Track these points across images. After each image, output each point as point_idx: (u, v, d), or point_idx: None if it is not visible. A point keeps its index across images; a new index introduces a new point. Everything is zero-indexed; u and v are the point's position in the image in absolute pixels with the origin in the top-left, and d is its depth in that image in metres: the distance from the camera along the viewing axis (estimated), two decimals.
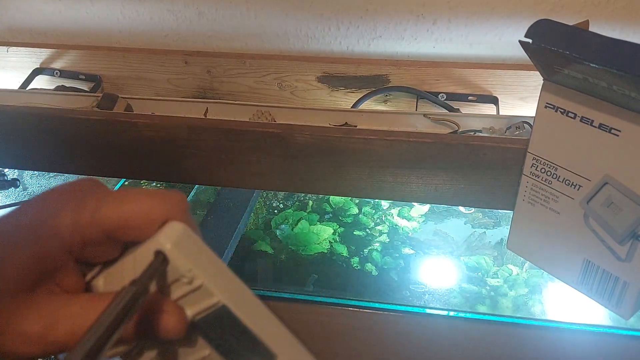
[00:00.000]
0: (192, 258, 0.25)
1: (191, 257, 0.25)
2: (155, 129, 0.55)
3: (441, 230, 0.90)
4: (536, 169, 0.46)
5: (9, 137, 0.60)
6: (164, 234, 0.25)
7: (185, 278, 0.25)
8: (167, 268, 0.25)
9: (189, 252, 0.25)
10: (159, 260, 0.25)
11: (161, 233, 0.25)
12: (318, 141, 0.52)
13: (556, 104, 0.42)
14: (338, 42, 0.76)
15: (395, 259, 0.85)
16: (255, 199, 0.93)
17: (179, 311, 0.26)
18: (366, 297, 0.80)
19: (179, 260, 0.25)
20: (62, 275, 0.26)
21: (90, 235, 0.25)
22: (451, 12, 0.69)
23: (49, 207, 0.26)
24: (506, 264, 0.85)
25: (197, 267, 0.25)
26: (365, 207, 0.93)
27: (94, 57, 0.83)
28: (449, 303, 0.79)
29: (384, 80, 0.75)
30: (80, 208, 0.25)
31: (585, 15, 0.66)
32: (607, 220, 0.42)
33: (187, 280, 0.25)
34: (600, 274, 0.45)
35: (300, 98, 0.80)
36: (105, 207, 0.25)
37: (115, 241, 0.26)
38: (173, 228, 0.25)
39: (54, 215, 0.25)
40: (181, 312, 0.26)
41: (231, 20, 0.77)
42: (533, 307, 0.78)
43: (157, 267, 0.25)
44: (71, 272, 0.26)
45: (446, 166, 0.51)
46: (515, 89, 0.72)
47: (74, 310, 0.25)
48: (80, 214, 0.25)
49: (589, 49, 0.34)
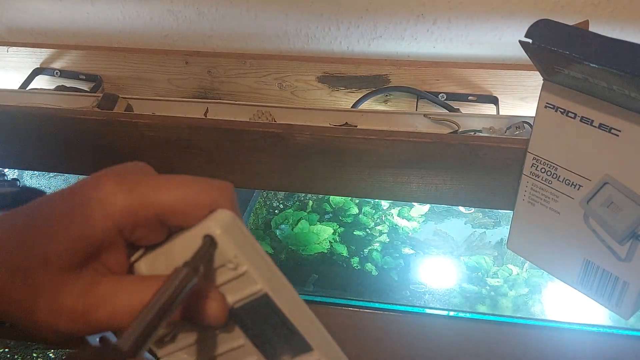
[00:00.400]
0: (240, 245, 0.26)
1: (238, 243, 0.26)
2: (155, 129, 0.55)
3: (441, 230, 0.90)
4: (536, 168, 0.46)
5: (9, 137, 0.60)
6: (213, 219, 0.25)
7: (231, 264, 0.26)
8: (214, 254, 0.25)
9: (237, 238, 0.26)
10: (207, 244, 0.25)
11: (211, 219, 0.25)
12: (318, 141, 0.52)
13: (556, 104, 0.42)
14: (338, 42, 0.76)
15: (395, 259, 0.85)
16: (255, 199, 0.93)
17: (222, 298, 0.26)
18: (366, 297, 0.80)
19: (227, 246, 0.25)
20: (109, 255, 0.26)
21: (143, 217, 0.26)
22: (451, 12, 0.69)
23: (102, 188, 0.26)
24: (506, 264, 0.85)
25: (244, 254, 0.26)
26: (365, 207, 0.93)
27: (94, 57, 0.83)
28: (449, 303, 0.79)
29: (384, 80, 0.75)
30: (134, 190, 0.26)
31: (585, 15, 0.66)
32: (607, 220, 0.42)
33: (232, 266, 0.26)
34: (600, 273, 0.45)
35: (301, 98, 0.80)
36: (159, 191, 0.26)
37: (164, 225, 0.27)
38: (222, 215, 0.26)
39: (107, 196, 0.25)
40: (224, 299, 0.26)
41: (231, 20, 0.77)
42: (533, 307, 0.78)
43: (206, 251, 0.25)
44: (118, 253, 0.27)
45: (446, 166, 0.51)
46: (515, 89, 0.72)
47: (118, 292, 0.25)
48: (134, 195, 0.25)
49: (589, 49, 0.34)
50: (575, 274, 0.47)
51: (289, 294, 0.27)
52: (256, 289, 0.26)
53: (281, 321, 0.27)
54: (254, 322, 0.27)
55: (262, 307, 0.26)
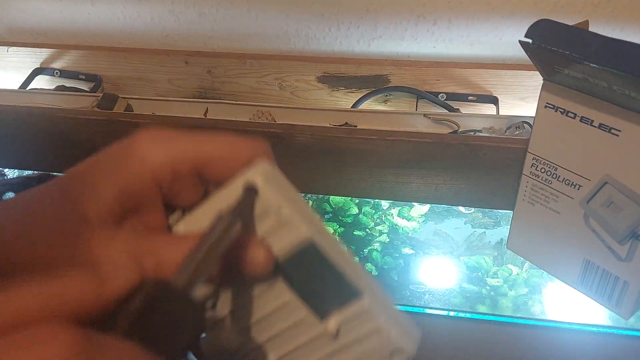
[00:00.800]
0: (281, 192, 0.25)
1: (281, 190, 0.25)
2: None
3: (441, 230, 0.90)
4: (536, 168, 0.46)
5: (9, 137, 0.60)
6: (253, 169, 0.25)
7: (273, 212, 0.25)
8: (255, 203, 0.25)
9: (278, 187, 0.25)
10: (248, 194, 0.25)
11: (250, 169, 0.25)
12: (318, 141, 0.52)
13: (556, 104, 0.42)
14: (338, 42, 0.76)
15: (395, 259, 0.85)
16: None
17: (266, 248, 0.25)
18: None
19: (269, 193, 0.25)
20: (148, 213, 0.26)
21: (181, 168, 0.25)
22: (451, 12, 0.69)
23: (139, 144, 0.25)
24: (506, 264, 0.85)
25: (286, 200, 0.25)
26: (365, 207, 0.93)
27: (94, 57, 0.83)
28: (449, 303, 0.79)
29: (384, 80, 0.75)
30: (172, 143, 0.25)
31: (585, 15, 0.66)
32: (607, 220, 0.42)
33: (274, 214, 0.25)
34: (600, 273, 0.45)
35: (301, 98, 0.80)
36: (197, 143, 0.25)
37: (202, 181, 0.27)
38: (262, 165, 0.25)
39: (145, 150, 0.25)
40: (268, 248, 0.25)
41: (232, 21, 0.77)
42: (533, 307, 0.78)
43: (247, 199, 0.24)
44: (156, 211, 0.26)
45: (446, 166, 0.51)
46: (515, 89, 0.72)
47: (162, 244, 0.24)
48: (172, 148, 0.25)
49: (589, 49, 0.34)
50: (575, 274, 0.47)
51: (331, 240, 0.26)
52: (301, 235, 0.25)
53: (328, 268, 0.25)
54: (300, 274, 0.26)
55: (307, 255, 0.25)
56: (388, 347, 0.26)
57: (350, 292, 0.26)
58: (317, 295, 0.26)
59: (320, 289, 0.26)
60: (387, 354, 0.26)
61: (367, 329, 0.26)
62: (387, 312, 0.26)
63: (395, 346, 0.26)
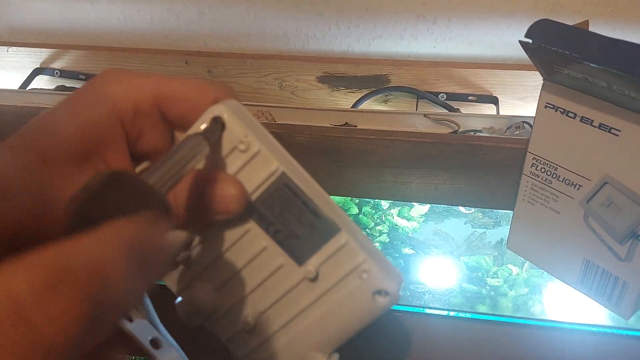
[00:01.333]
0: (249, 126, 0.24)
1: (248, 124, 0.24)
2: None
3: (441, 230, 0.90)
4: (536, 168, 0.46)
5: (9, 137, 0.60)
6: (219, 104, 0.24)
7: (243, 145, 0.24)
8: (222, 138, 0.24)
9: (245, 120, 0.24)
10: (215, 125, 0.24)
11: (216, 105, 0.24)
12: (318, 141, 0.52)
13: (556, 104, 0.42)
14: (338, 42, 0.76)
15: (395, 258, 0.85)
16: None
17: (237, 182, 0.24)
18: None
19: (236, 126, 0.24)
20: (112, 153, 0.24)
21: (143, 102, 0.24)
22: (451, 11, 0.69)
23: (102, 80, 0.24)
24: (506, 264, 0.85)
25: (254, 134, 0.24)
26: (365, 207, 0.93)
27: (94, 57, 0.83)
28: (449, 303, 0.79)
29: (384, 80, 0.75)
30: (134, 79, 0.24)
31: (585, 15, 0.66)
32: (607, 220, 0.42)
33: (244, 147, 0.24)
34: (600, 273, 0.45)
35: (301, 98, 0.80)
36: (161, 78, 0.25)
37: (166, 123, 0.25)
38: (228, 101, 0.24)
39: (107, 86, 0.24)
40: (240, 183, 0.24)
41: (231, 20, 0.77)
42: (533, 307, 0.78)
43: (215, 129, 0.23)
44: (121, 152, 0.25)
45: (446, 166, 0.51)
46: (515, 89, 0.72)
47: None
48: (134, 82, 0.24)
49: (589, 49, 0.34)
50: (575, 274, 0.47)
51: (303, 174, 0.25)
52: (272, 168, 0.24)
53: (303, 203, 0.24)
54: (275, 214, 0.25)
55: (280, 191, 0.24)
56: (370, 287, 0.24)
57: (328, 228, 0.24)
58: (294, 236, 0.25)
59: (297, 228, 0.25)
60: (370, 296, 0.25)
61: (348, 267, 0.25)
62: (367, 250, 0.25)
63: (379, 286, 0.24)
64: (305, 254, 0.25)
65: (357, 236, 0.25)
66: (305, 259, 0.25)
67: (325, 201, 0.25)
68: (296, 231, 0.25)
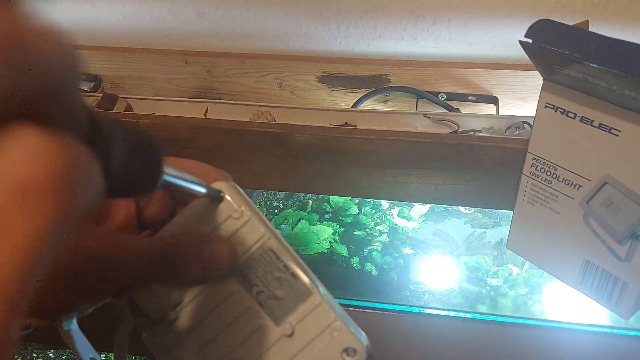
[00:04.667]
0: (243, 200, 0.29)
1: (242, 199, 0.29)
2: (155, 128, 0.55)
3: (441, 230, 0.90)
4: (536, 168, 0.46)
5: None
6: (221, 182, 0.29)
7: (236, 213, 0.28)
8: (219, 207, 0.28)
9: (240, 196, 0.29)
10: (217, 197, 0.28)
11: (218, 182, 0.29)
12: (318, 141, 0.52)
13: (556, 104, 0.42)
14: (338, 42, 0.76)
15: (395, 258, 0.85)
16: (255, 199, 0.93)
17: (230, 242, 0.28)
18: (366, 297, 0.80)
19: (233, 197, 0.28)
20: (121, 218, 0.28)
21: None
22: (451, 12, 0.69)
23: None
24: (506, 264, 0.85)
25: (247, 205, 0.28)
26: (365, 207, 0.93)
27: (94, 57, 0.83)
28: (449, 303, 0.79)
29: (384, 80, 0.75)
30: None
31: (585, 15, 0.66)
32: (607, 220, 0.42)
33: (237, 216, 0.28)
34: (600, 273, 0.45)
35: (301, 98, 0.80)
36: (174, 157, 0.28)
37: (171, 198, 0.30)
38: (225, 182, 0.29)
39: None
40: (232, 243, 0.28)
41: (231, 20, 0.77)
42: (533, 307, 0.78)
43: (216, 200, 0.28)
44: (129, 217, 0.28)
45: (446, 166, 0.51)
46: (515, 89, 0.72)
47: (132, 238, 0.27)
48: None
49: (589, 49, 0.34)
50: (575, 274, 0.47)
51: (284, 243, 0.29)
52: (260, 234, 0.28)
53: (284, 266, 0.28)
54: (258, 275, 0.28)
55: (265, 255, 0.28)
56: (340, 345, 0.27)
57: (305, 289, 0.28)
58: (273, 296, 0.28)
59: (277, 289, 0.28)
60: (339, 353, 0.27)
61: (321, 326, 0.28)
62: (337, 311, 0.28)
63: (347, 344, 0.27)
64: (283, 313, 0.28)
65: (328, 298, 0.29)
66: (283, 317, 0.28)
67: (301, 265, 0.29)
68: (276, 292, 0.28)
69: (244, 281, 0.28)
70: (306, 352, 0.28)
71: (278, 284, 0.28)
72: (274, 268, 0.28)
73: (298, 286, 0.28)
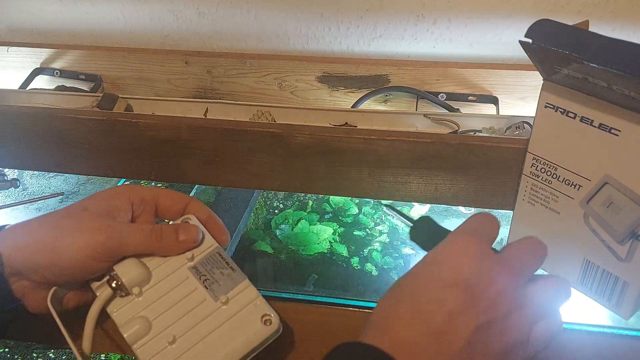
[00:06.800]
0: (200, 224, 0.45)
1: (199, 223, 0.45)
2: (155, 129, 0.55)
3: None
4: (536, 168, 0.46)
5: (9, 137, 0.60)
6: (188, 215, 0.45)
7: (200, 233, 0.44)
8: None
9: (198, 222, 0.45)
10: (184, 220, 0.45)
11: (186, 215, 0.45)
12: (318, 141, 0.52)
13: (556, 104, 0.42)
14: (338, 42, 0.77)
15: (395, 259, 0.85)
16: (255, 199, 0.93)
17: (196, 228, 0.44)
18: (366, 297, 0.80)
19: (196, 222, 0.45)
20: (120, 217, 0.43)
21: (146, 195, 0.44)
22: (451, 12, 0.69)
23: (116, 187, 0.44)
24: None
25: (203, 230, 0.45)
26: (365, 207, 0.93)
27: (94, 57, 0.83)
28: None
29: (384, 80, 0.75)
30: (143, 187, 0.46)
31: (585, 15, 0.66)
32: (607, 220, 0.42)
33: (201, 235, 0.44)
34: (600, 273, 0.45)
35: (301, 98, 0.80)
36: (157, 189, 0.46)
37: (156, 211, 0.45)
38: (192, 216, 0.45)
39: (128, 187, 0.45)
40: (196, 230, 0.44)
41: (231, 20, 0.77)
42: None
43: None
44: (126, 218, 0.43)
45: (446, 166, 0.51)
46: (515, 89, 0.72)
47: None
48: (142, 188, 0.45)
49: (589, 49, 0.34)
50: (575, 274, 0.47)
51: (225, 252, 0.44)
52: (211, 243, 0.44)
53: (226, 263, 0.43)
54: (207, 269, 0.42)
55: (214, 256, 0.43)
56: (260, 312, 0.40)
57: (238, 277, 0.42)
58: (215, 283, 0.42)
59: (219, 277, 0.42)
60: (259, 317, 0.40)
61: (248, 299, 0.41)
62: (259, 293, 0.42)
63: (265, 312, 0.40)
64: (221, 293, 0.41)
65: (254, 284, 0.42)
66: (221, 295, 0.41)
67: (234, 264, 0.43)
68: (217, 279, 0.42)
69: (196, 272, 0.42)
70: (237, 317, 0.40)
71: (220, 274, 0.42)
72: (219, 265, 0.42)
73: (234, 276, 0.42)
